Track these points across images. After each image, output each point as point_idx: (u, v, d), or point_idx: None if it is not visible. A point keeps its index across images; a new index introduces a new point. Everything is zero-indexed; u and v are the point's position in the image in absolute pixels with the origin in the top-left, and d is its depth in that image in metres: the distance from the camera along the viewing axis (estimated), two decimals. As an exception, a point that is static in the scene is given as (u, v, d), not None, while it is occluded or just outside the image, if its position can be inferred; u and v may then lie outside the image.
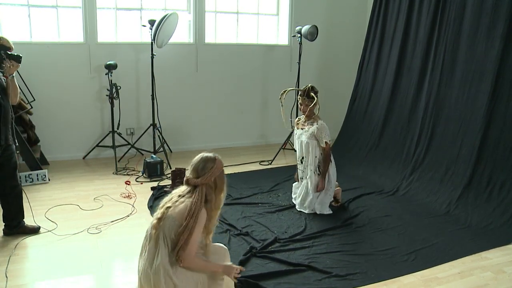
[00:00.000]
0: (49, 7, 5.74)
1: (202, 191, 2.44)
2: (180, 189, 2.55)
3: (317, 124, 4.26)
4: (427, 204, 4.64)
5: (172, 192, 2.59)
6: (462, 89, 4.93)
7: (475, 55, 4.80)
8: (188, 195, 2.46)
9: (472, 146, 4.67)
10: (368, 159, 5.86)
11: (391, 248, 3.67)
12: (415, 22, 5.68)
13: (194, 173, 2.50)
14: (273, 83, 7.08)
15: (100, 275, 3.18)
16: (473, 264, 3.45)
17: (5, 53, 3.43)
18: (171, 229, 2.39)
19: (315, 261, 3.40)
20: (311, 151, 4.29)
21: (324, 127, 4.25)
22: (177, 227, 2.38)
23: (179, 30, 5.88)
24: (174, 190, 2.59)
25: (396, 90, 5.89)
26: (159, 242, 2.40)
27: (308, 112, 4.32)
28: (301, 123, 4.45)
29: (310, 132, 4.28)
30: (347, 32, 7.43)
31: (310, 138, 4.29)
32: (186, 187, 2.52)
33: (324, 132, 4.23)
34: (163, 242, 2.39)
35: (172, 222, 2.40)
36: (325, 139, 4.22)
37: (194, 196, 2.42)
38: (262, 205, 4.54)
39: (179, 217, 2.39)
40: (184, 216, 2.37)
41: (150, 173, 5.33)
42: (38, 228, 3.81)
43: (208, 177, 2.47)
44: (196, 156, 2.57)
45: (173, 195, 2.53)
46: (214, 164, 2.50)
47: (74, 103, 5.96)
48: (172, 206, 2.45)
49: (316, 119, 4.33)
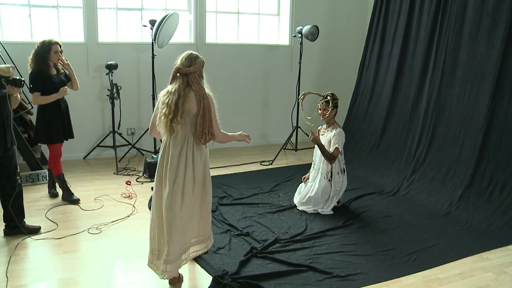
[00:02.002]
0: (50, 7, 5.75)
1: (194, 78, 2.82)
2: (167, 88, 2.85)
3: (336, 130, 4.35)
4: (428, 205, 4.63)
5: (161, 93, 2.88)
6: (463, 89, 4.92)
7: (476, 55, 4.80)
8: (187, 88, 2.80)
9: (473, 146, 4.67)
10: (369, 159, 5.86)
11: (392, 248, 3.66)
12: (416, 22, 5.67)
13: (187, 62, 2.84)
14: (274, 83, 7.08)
15: (101, 276, 3.18)
16: (474, 264, 3.45)
17: (5, 80, 3.42)
18: (191, 117, 2.80)
19: (316, 261, 3.39)
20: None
21: (341, 135, 4.33)
22: (196, 114, 2.77)
23: (179, 30, 5.88)
24: (162, 91, 2.89)
25: (397, 90, 5.89)
26: (183, 130, 2.82)
27: (327, 118, 4.41)
28: (322, 129, 4.54)
29: (327, 137, 4.37)
30: (348, 32, 7.43)
31: (327, 143, 4.36)
32: (174, 84, 2.83)
33: (338, 139, 4.30)
34: (184, 128, 2.81)
35: (191, 110, 2.78)
36: (336, 145, 4.28)
37: (193, 85, 2.80)
38: (263, 205, 4.53)
39: (193, 105, 2.77)
40: (198, 102, 2.76)
41: (150, 173, 5.31)
42: (39, 228, 3.81)
43: (198, 66, 2.84)
44: (183, 53, 2.90)
45: (170, 91, 2.81)
46: (201, 57, 2.90)
47: (74, 103, 5.91)
48: (178, 96, 2.76)
49: (336, 126, 4.41)
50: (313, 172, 4.52)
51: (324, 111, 4.38)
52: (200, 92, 2.77)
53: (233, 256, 3.42)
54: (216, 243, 3.60)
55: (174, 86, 2.82)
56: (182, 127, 2.82)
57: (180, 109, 2.74)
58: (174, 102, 2.75)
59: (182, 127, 2.82)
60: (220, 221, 4.07)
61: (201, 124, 2.77)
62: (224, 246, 3.59)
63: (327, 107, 4.36)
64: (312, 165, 4.59)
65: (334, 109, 4.39)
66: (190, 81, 2.80)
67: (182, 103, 2.75)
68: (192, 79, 2.80)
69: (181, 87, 2.79)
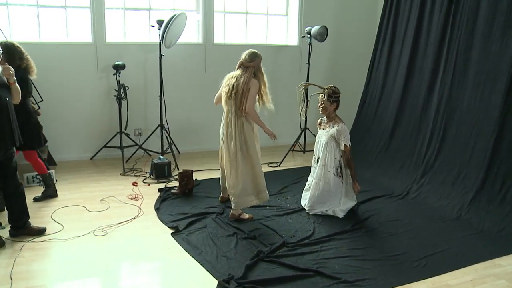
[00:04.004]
0: (58, 7, 5.74)
1: (251, 70, 3.97)
2: (231, 73, 4.04)
3: (338, 126, 4.26)
4: (438, 208, 4.55)
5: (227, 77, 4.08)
6: (475, 90, 4.82)
7: (489, 55, 4.69)
8: (244, 73, 3.96)
9: (485, 148, 4.57)
10: (378, 161, 5.78)
11: (401, 253, 3.59)
12: (427, 21, 5.58)
13: (249, 58, 3.98)
14: (282, 84, 7.02)
15: (106, 279, 3.15)
16: (486, 271, 3.36)
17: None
18: (237, 94, 3.92)
19: (324, 266, 3.33)
20: (330, 152, 4.29)
21: (344, 130, 4.25)
22: (241, 92, 3.91)
23: (187, 30, 5.85)
24: (228, 74, 4.08)
25: (407, 91, 5.80)
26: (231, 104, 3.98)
27: (327, 113, 4.33)
28: (323, 123, 4.45)
29: (330, 133, 4.29)
30: (357, 32, 7.35)
31: (329, 139, 4.30)
32: (239, 70, 4.00)
33: (343, 135, 4.23)
34: (234, 103, 3.96)
35: (238, 89, 3.92)
36: (344, 142, 4.22)
37: (247, 72, 3.96)
38: (270, 208, 4.48)
39: (241, 85, 3.92)
40: (242, 83, 3.91)
41: (157, 174, 5.30)
42: (44, 229, 3.79)
43: (257, 62, 4.01)
44: (246, 51, 4.03)
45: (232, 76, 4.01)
46: (260, 55, 4.03)
47: (82, 103, 5.95)
48: (236, 80, 3.95)
49: (337, 121, 4.33)
50: (317, 170, 4.39)
51: (324, 107, 4.29)
52: (246, 79, 3.91)
53: (240, 260, 3.38)
54: (222, 246, 3.56)
55: (236, 72, 4.00)
56: (233, 102, 3.95)
57: (234, 89, 3.92)
58: (232, 84, 3.94)
59: (234, 102, 3.95)
60: (227, 224, 4.02)
61: (239, 101, 3.92)
62: (230, 249, 3.54)
63: (323, 101, 4.28)
64: (314, 160, 4.49)
65: (334, 103, 4.29)
66: (246, 71, 3.95)
67: (235, 85, 3.92)
68: (248, 71, 3.96)
69: (238, 75, 3.97)
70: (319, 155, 4.39)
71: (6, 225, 3.78)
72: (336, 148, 4.28)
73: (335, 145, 4.28)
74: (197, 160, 6.18)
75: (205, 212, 4.26)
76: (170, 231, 3.89)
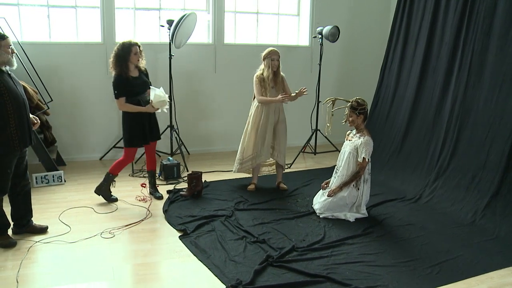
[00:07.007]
0: (68, 7, 5.74)
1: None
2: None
3: (364, 138, 4.21)
4: (452, 213, 4.44)
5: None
6: (491, 92, 4.70)
7: (506, 56, 4.56)
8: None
9: (501, 152, 4.44)
10: (390, 164, 5.68)
11: (414, 259, 3.50)
12: (442, 20, 5.45)
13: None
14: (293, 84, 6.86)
15: (112, 282, 3.11)
16: (503, 280, 3.25)
17: None
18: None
19: (334, 272, 3.25)
20: (352, 162, 4.25)
21: (368, 144, 4.19)
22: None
23: (197, 30, 5.81)
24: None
25: (420, 92, 5.68)
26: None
27: (355, 125, 4.30)
28: (351, 135, 4.42)
29: (355, 144, 4.25)
30: (369, 32, 7.24)
31: (353, 150, 4.25)
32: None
33: (365, 148, 4.16)
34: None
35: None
36: (364, 155, 4.15)
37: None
38: (280, 211, 4.41)
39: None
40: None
41: (166, 176, 5.26)
42: (46, 227, 3.80)
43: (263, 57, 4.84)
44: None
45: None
46: (267, 51, 4.83)
47: (91, 103, 5.94)
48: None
49: (364, 133, 4.27)
50: (336, 179, 4.35)
51: (350, 118, 4.27)
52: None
53: (248, 264, 3.31)
54: (230, 250, 3.51)
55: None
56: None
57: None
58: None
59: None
60: (236, 227, 3.96)
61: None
62: (238, 253, 3.48)
63: (352, 114, 4.25)
64: (335, 169, 4.45)
65: (360, 115, 4.25)
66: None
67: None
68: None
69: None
70: (340, 165, 4.34)
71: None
72: (357, 160, 4.23)
73: (357, 157, 4.22)
74: (206, 162, 6.13)
75: (214, 215, 4.20)
76: (178, 233, 3.84)
